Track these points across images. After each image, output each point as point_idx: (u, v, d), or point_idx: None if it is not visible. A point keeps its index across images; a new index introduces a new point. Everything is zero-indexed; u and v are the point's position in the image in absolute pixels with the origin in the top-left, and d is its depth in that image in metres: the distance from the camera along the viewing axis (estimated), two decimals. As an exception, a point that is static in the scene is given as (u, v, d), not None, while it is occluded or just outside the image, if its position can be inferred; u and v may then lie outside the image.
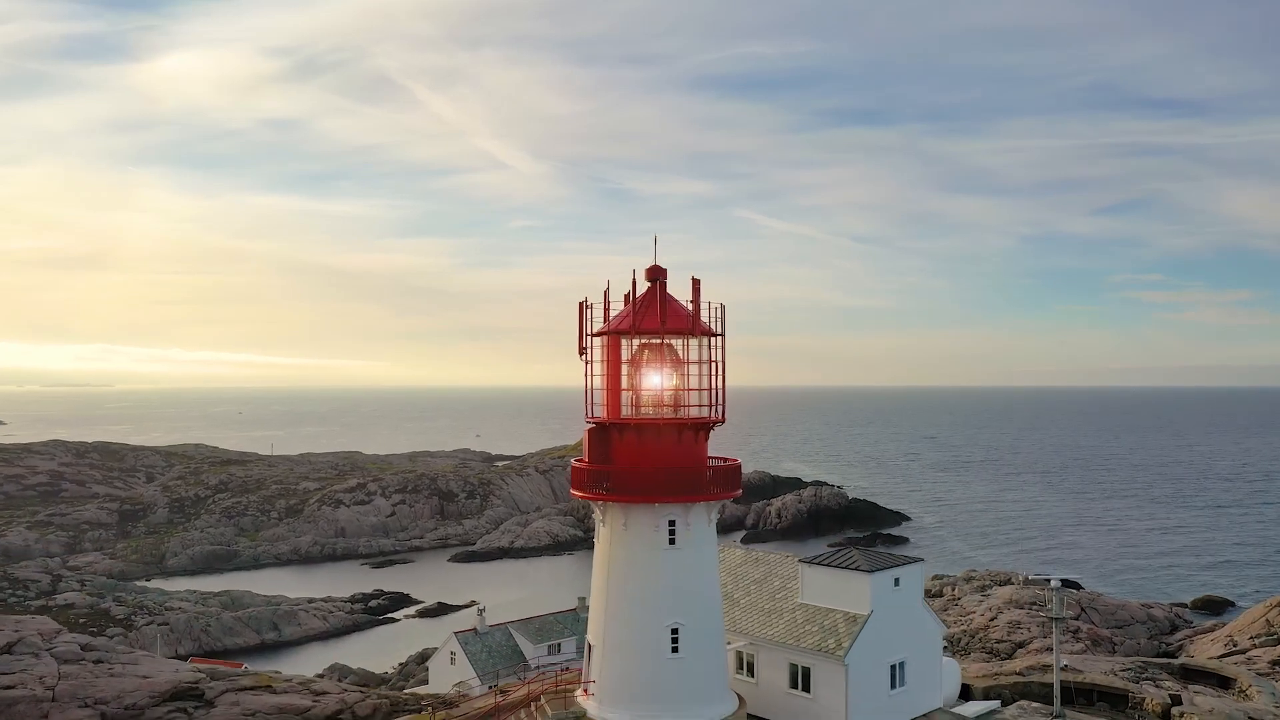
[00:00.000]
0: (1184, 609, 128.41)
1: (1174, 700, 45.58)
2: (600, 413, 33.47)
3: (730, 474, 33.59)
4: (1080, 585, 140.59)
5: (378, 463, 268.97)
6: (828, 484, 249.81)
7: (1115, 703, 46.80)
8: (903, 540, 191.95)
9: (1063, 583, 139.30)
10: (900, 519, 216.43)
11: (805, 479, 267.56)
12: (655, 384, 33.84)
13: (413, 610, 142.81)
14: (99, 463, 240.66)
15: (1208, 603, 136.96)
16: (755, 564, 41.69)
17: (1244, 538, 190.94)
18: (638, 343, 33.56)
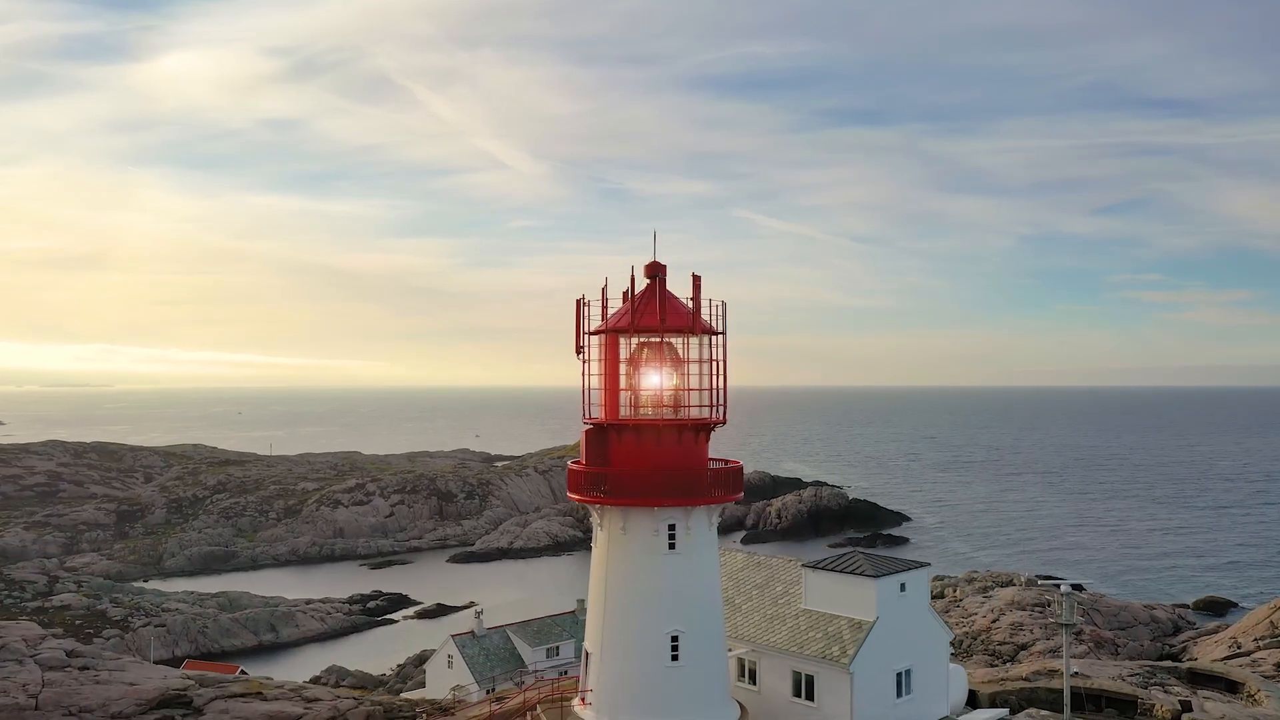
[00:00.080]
0: (1186, 610, 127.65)
1: (1184, 706, 44.70)
2: (598, 413, 32.44)
3: (732, 476, 32.61)
4: (1082, 586, 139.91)
5: (377, 463, 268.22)
6: (828, 484, 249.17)
7: (1124, 709, 45.93)
8: (903, 541, 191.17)
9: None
10: (901, 519, 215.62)
11: (805, 479, 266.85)
12: (654, 384, 32.77)
13: (411, 611, 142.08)
14: (97, 463, 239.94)
15: (1210, 604, 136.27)
16: (757, 568, 40.76)
17: (1246, 538, 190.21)
18: (636, 341, 32.49)
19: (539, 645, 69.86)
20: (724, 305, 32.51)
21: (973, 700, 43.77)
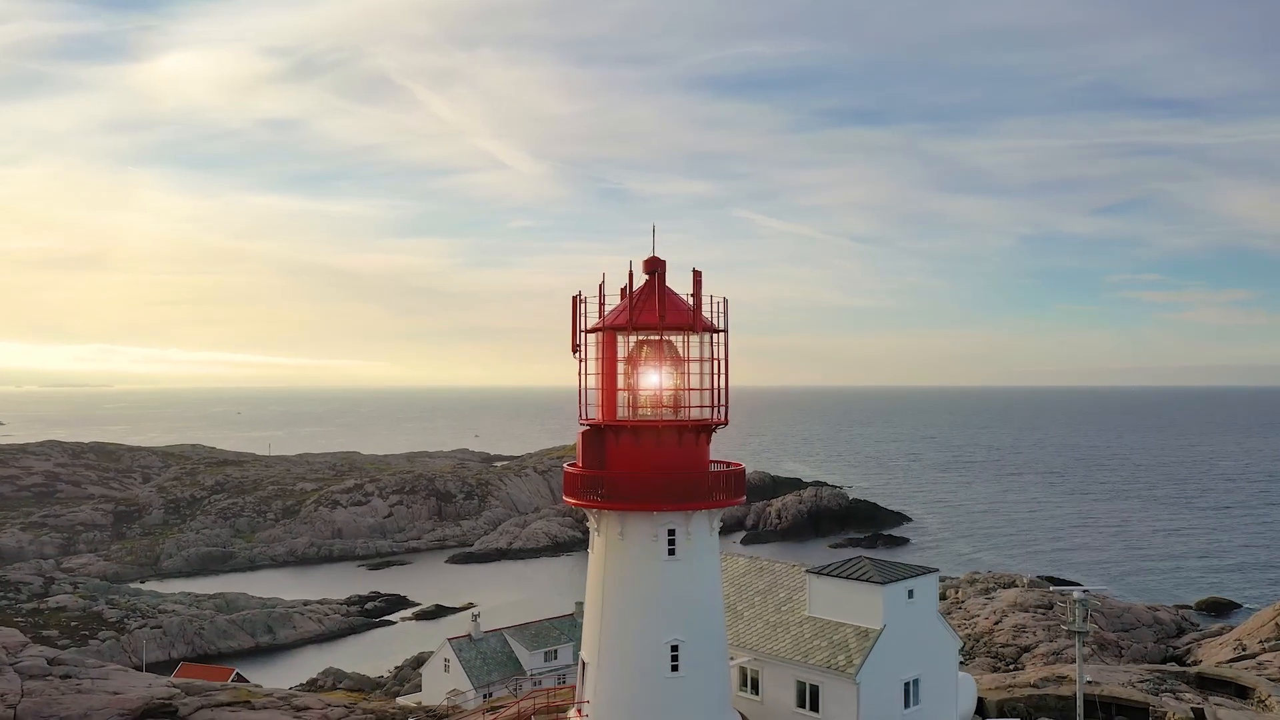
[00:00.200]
0: (1189, 611, 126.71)
1: (1197, 714, 43.71)
2: (595, 414, 31.23)
3: (734, 479, 31.38)
4: (1084, 587, 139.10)
5: (376, 463, 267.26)
6: (828, 484, 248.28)
7: (1135, 716, 44.90)
8: (904, 541, 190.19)
9: (1065, 585, 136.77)
10: (901, 519, 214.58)
11: (805, 479, 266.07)
12: (654, 383, 31.56)
13: (409, 613, 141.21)
14: (95, 463, 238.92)
15: (1213, 604, 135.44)
16: (760, 574, 39.58)
17: (1248, 539, 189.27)
18: (635, 339, 31.32)
19: (537, 649, 68.91)
20: (725, 302, 31.35)
21: (981, 709, 42.69)
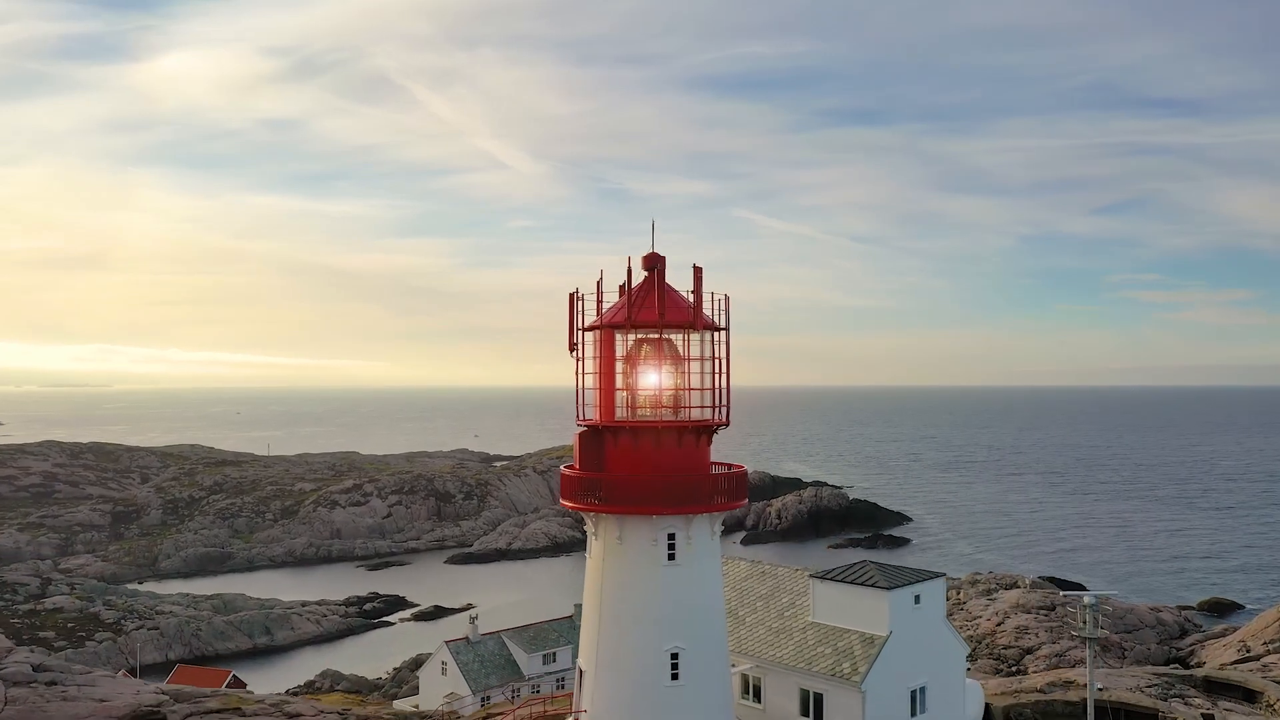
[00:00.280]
0: (1192, 611, 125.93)
1: (1207, 720, 42.91)
2: (592, 414, 30.33)
3: (736, 482, 30.46)
4: (1086, 588, 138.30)
5: (375, 463, 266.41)
6: (828, 484, 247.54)
7: (1143, 722, 44.10)
8: (905, 542, 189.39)
9: (1067, 587, 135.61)
10: (902, 519, 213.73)
11: (805, 479, 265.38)
12: (653, 383, 30.66)
13: (408, 614, 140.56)
14: (93, 463, 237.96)
15: (1215, 605, 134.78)
16: (762, 578, 38.69)
17: (1250, 539, 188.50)
18: (633, 337, 30.39)
19: (535, 652, 68.10)
20: (726, 299, 30.41)
21: (987, 715, 41.89)
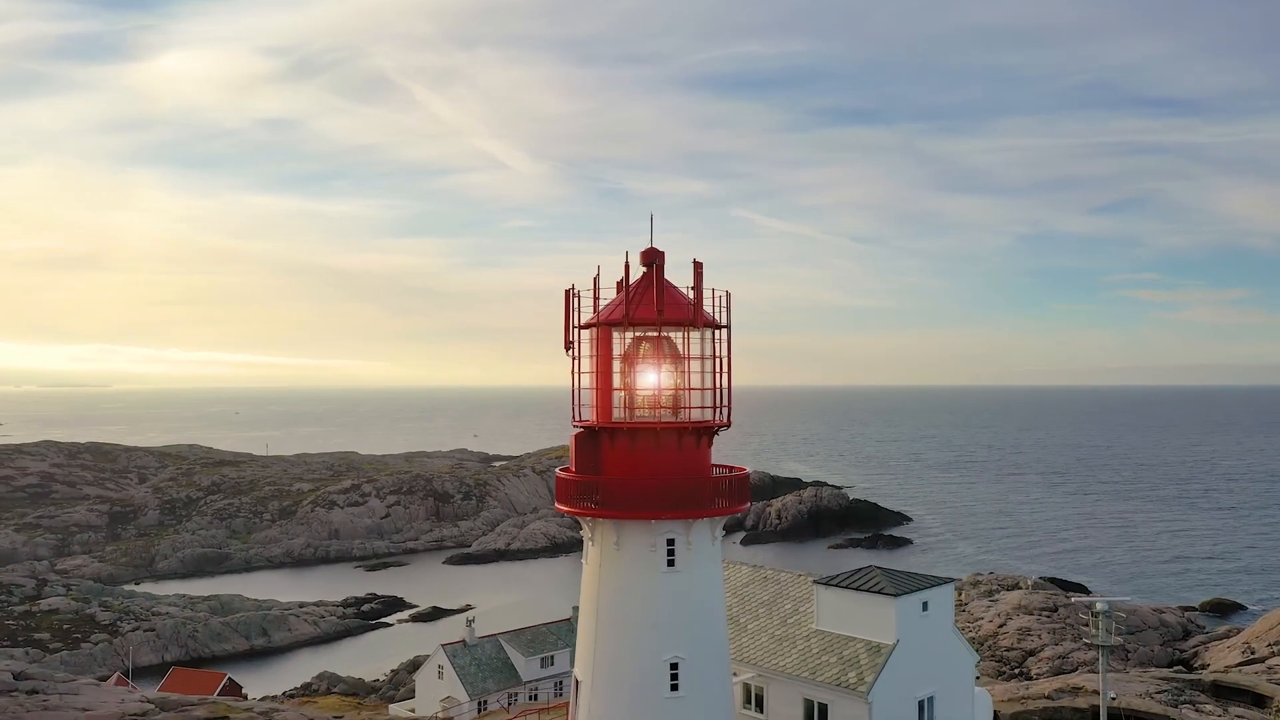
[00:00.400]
0: (1194, 612, 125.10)
1: (1217, 726, 42.01)
2: (589, 415, 29.45)
3: (738, 485, 29.38)
4: (1088, 589, 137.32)
5: (374, 463, 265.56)
6: (828, 484, 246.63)
7: (1152, 728, 43.21)
8: (905, 542, 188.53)
9: (1070, 588, 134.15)
10: (902, 519, 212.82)
11: (805, 479, 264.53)
12: (651, 382, 29.71)
13: (406, 615, 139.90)
14: (91, 464, 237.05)
15: (1217, 605, 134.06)
16: (764, 583, 37.79)
17: (1252, 540, 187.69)
18: (631, 335, 29.40)
19: (533, 655, 67.24)
20: (728, 295, 29.48)
21: (993, 721, 41.02)
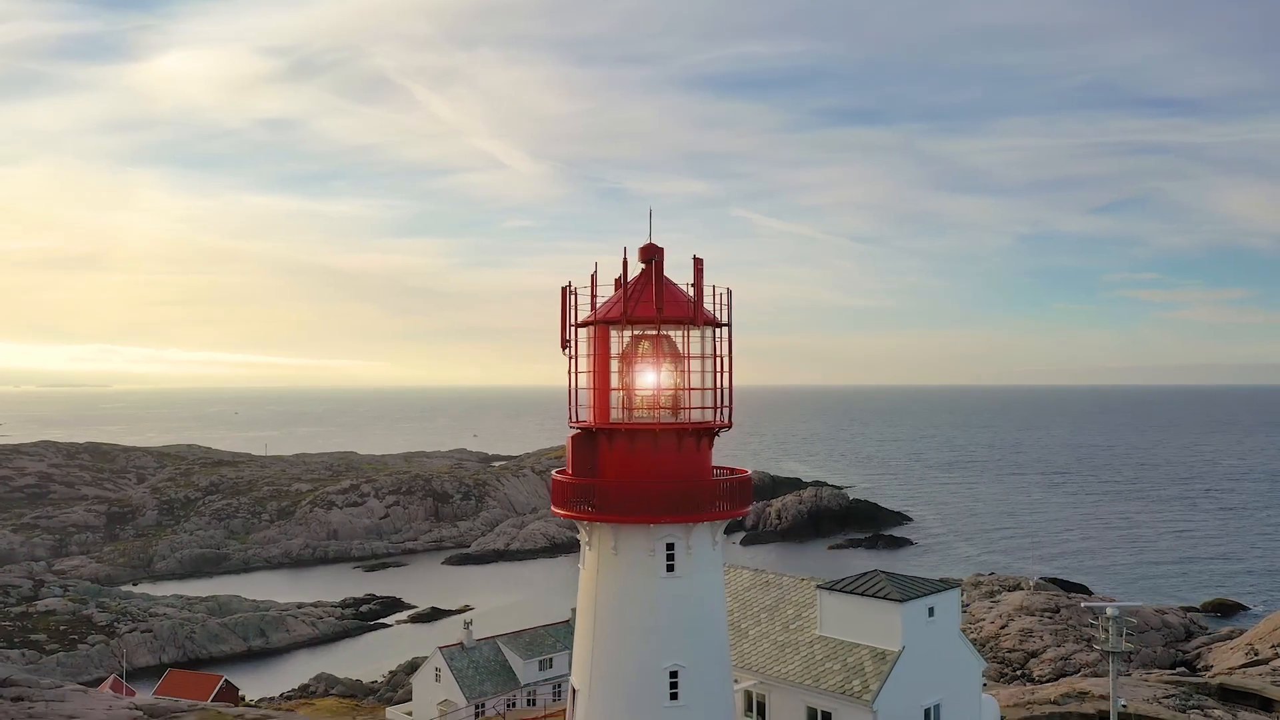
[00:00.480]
0: (1196, 613, 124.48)
1: (1226, 732, 41.29)
2: (586, 416, 28.70)
3: (739, 488, 28.58)
4: (1090, 590, 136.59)
5: (373, 463, 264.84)
6: (828, 484, 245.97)
7: (1160, 733, 42.50)
8: (906, 542, 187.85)
9: (1072, 589, 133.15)
10: (902, 519, 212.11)
11: (805, 479, 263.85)
12: (650, 382, 28.96)
13: (405, 616, 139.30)
14: (89, 464, 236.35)
15: (1219, 606, 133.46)
16: (765, 588, 37.00)
17: (1254, 540, 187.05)
18: (630, 334, 28.66)
19: (531, 658, 66.62)
20: (729, 293, 28.74)
21: (999, 726, 40.26)
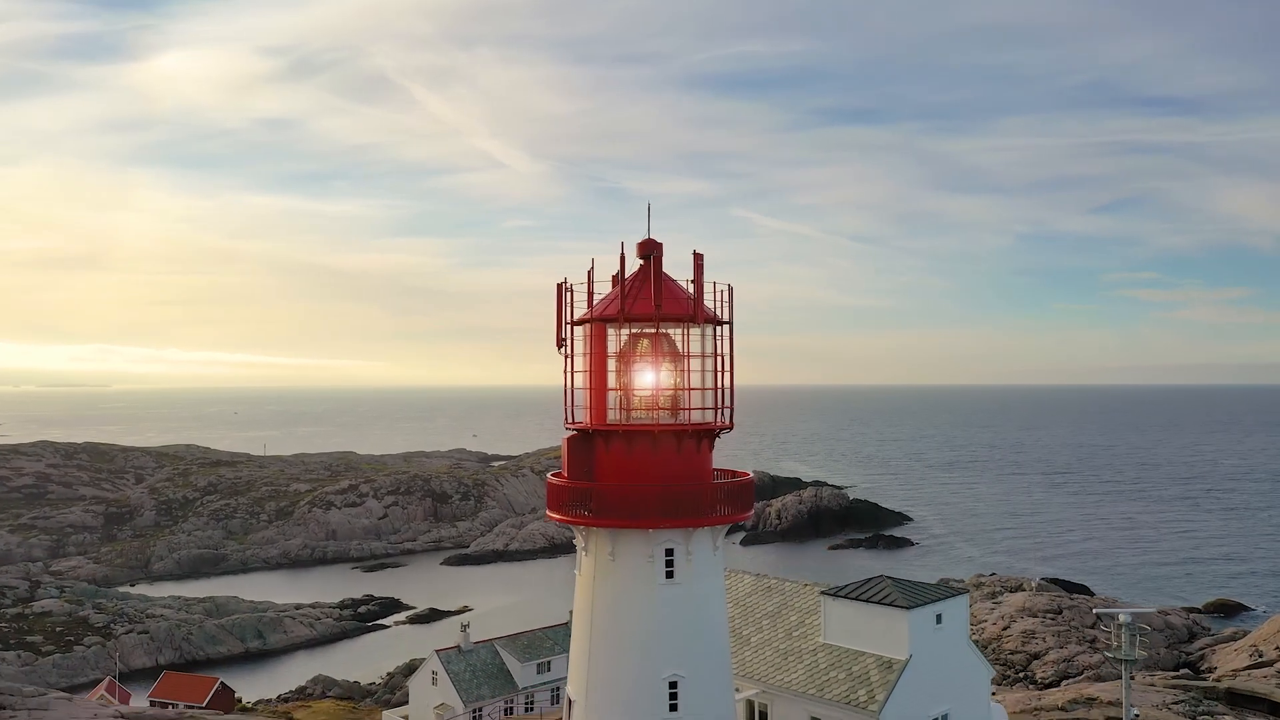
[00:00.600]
0: (1199, 614, 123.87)
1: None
2: (582, 417, 27.78)
3: (741, 491, 27.71)
4: (1091, 591, 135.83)
5: (372, 463, 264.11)
6: (828, 484, 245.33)
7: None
8: (906, 543, 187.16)
9: (1075, 590, 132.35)
10: (902, 520, 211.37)
11: (805, 479, 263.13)
12: (649, 382, 28.07)
13: (403, 617, 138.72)
14: (87, 464, 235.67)
15: (1221, 606, 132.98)
16: (768, 594, 36.13)
17: (1255, 540, 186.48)
18: (628, 332, 27.79)
19: (529, 661, 65.86)
20: (730, 290, 27.85)
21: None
